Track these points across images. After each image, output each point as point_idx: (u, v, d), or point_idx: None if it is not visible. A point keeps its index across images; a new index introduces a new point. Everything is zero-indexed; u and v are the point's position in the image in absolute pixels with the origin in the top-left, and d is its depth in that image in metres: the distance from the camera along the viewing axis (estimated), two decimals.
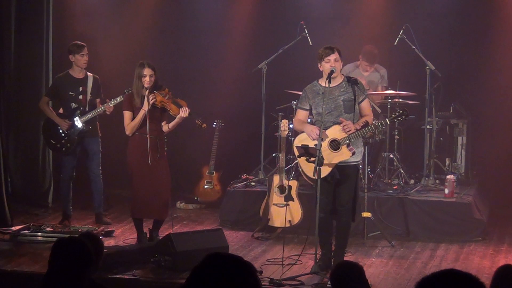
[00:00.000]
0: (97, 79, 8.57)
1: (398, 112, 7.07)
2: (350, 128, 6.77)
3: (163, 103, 7.57)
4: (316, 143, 6.68)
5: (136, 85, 7.58)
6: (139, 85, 7.55)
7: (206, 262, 2.72)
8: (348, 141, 6.81)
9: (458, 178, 9.32)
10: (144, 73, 7.52)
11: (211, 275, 2.68)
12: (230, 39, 10.72)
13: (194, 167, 9.98)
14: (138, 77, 7.55)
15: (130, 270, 6.81)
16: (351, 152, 6.83)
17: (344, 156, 6.84)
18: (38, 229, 7.99)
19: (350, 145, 6.84)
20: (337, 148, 6.83)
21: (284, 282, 6.61)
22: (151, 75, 7.53)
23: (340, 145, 6.83)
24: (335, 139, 6.83)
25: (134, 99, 7.58)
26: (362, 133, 6.88)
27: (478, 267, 7.35)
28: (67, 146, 8.42)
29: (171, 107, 7.58)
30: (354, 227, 7.78)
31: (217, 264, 2.71)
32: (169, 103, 7.58)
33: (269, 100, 9.21)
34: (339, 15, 10.40)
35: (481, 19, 10.09)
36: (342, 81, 6.97)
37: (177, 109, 7.57)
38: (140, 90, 7.55)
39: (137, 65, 7.61)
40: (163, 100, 7.57)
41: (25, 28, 9.35)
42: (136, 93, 7.58)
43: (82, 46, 8.47)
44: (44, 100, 8.56)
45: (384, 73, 9.67)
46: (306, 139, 6.94)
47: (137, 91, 7.58)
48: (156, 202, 7.66)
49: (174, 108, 7.58)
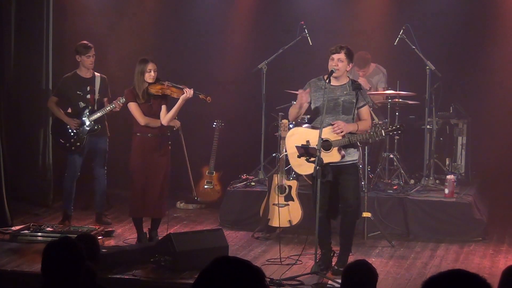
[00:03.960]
0: (105, 79, 8.61)
1: (395, 127, 7.08)
2: (341, 129, 6.76)
3: (163, 90, 7.61)
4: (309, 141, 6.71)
5: (137, 80, 7.61)
6: (141, 80, 7.58)
7: (214, 266, 2.70)
8: (341, 145, 6.81)
9: (458, 178, 9.31)
10: (149, 68, 7.57)
11: (219, 279, 2.66)
12: (230, 39, 10.72)
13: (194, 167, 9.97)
14: (140, 73, 7.59)
15: (130, 270, 6.81)
16: (341, 156, 6.83)
17: (333, 158, 6.83)
18: (38, 229, 7.99)
19: (341, 149, 6.84)
20: (328, 149, 6.82)
21: (284, 282, 6.61)
22: (155, 70, 7.61)
23: (332, 146, 6.83)
24: (328, 140, 6.82)
25: (137, 93, 7.60)
26: (354, 139, 6.87)
27: (478, 267, 7.35)
28: (77, 145, 8.44)
29: (172, 90, 7.62)
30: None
31: (225, 268, 2.69)
32: (169, 88, 7.62)
33: (269, 100, 9.21)
34: (339, 15, 10.40)
35: (481, 19, 10.09)
36: (347, 83, 6.98)
37: (179, 91, 7.60)
38: (142, 85, 7.58)
39: (138, 62, 7.66)
40: (163, 87, 7.61)
41: (25, 28, 9.35)
42: (138, 88, 7.61)
43: (89, 47, 8.49)
44: (52, 99, 8.59)
45: (383, 74, 9.66)
46: (295, 134, 6.97)
47: (139, 86, 7.60)
48: (153, 200, 7.68)
49: (175, 90, 7.63)
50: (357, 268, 4.49)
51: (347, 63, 6.91)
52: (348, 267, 4.60)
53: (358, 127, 6.88)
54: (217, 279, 2.65)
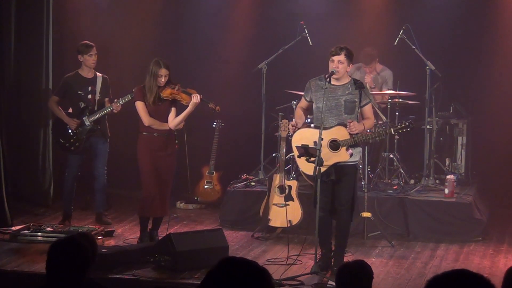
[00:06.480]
0: (106, 79, 8.60)
1: (405, 124, 7.07)
2: (357, 129, 6.80)
3: (173, 95, 7.58)
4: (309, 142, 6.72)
5: (149, 82, 7.56)
6: (153, 83, 7.54)
7: (221, 266, 2.71)
8: (349, 145, 6.82)
9: (458, 178, 9.31)
10: (160, 73, 7.52)
11: (225, 280, 2.67)
12: (230, 39, 10.72)
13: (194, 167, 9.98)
14: (153, 75, 7.52)
15: (130, 270, 6.80)
16: (349, 155, 6.85)
17: (341, 158, 6.86)
18: (38, 229, 7.99)
19: (349, 148, 6.86)
20: (336, 149, 6.84)
21: (284, 282, 6.61)
22: (166, 75, 7.55)
23: (340, 146, 6.84)
24: (336, 140, 6.84)
25: (146, 93, 7.58)
26: (362, 138, 6.89)
27: (478, 267, 7.35)
28: (76, 145, 8.44)
29: (182, 96, 7.61)
30: (354, 227, 7.79)
31: (232, 269, 2.70)
32: (179, 93, 7.60)
33: (269, 100, 9.21)
34: (339, 15, 10.40)
35: (481, 19, 10.09)
36: (348, 82, 6.98)
37: (188, 97, 7.59)
38: (153, 87, 7.54)
39: (152, 62, 7.57)
40: (173, 92, 7.58)
41: (25, 28, 9.35)
42: (149, 90, 7.57)
43: (91, 46, 8.49)
44: (53, 99, 8.59)
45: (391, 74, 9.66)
46: (303, 138, 6.95)
47: (150, 88, 7.57)
48: (161, 199, 7.69)
49: (185, 97, 7.61)
50: (350, 267, 4.46)
51: (347, 64, 6.92)
52: (341, 267, 4.59)
53: (364, 126, 6.91)
54: (224, 280, 2.66)
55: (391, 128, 7.13)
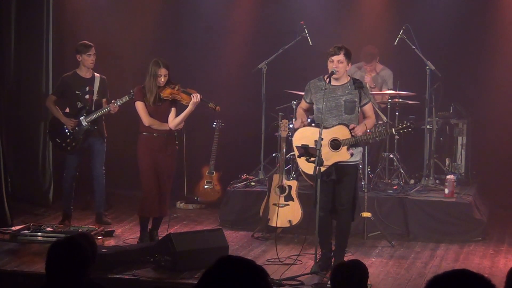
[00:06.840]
0: (104, 80, 8.59)
1: (406, 124, 7.06)
2: (360, 131, 6.81)
3: (173, 95, 7.58)
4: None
5: (149, 82, 7.57)
6: (153, 83, 7.54)
7: (218, 265, 2.72)
8: (350, 144, 6.82)
9: (458, 178, 9.31)
10: (160, 73, 7.52)
11: (222, 278, 2.67)
12: (230, 39, 10.72)
13: (194, 167, 9.98)
14: (152, 75, 7.53)
15: (130, 270, 6.80)
16: (349, 154, 6.86)
17: (342, 157, 6.86)
18: (38, 229, 7.98)
19: (350, 148, 6.86)
20: (337, 148, 6.85)
21: (284, 282, 6.61)
22: (166, 75, 7.55)
23: (341, 145, 6.84)
24: (337, 139, 6.84)
25: (146, 93, 7.57)
26: (366, 138, 6.90)
27: (478, 267, 7.34)
28: (72, 145, 8.44)
29: (182, 96, 7.60)
30: (354, 227, 7.78)
31: (229, 267, 2.70)
32: (179, 93, 7.60)
33: (269, 100, 9.21)
34: (339, 15, 10.40)
35: (481, 19, 10.09)
36: (347, 82, 6.98)
37: (188, 97, 7.58)
38: (153, 87, 7.54)
39: (151, 62, 7.58)
40: (173, 92, 7.58)
41: (25, 28, 9.35)
42: (149, 90, 7.57)
43: (90, 46, 8.49)
44: (50, 98, 8.59)
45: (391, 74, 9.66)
46: (304, 137, 6.95)
47: (150, 88, 7.57)
48: (161, 200, 7.69)
49: (185, 97, 7.60)
50: (345, 266, 4.45)
51: (346, 64, 6.92)
52: (336, 266, 4.59)
53: (366, 126, 6.91)
54: (220, 279, 2.67)
55: (392, 128, 7.14)
